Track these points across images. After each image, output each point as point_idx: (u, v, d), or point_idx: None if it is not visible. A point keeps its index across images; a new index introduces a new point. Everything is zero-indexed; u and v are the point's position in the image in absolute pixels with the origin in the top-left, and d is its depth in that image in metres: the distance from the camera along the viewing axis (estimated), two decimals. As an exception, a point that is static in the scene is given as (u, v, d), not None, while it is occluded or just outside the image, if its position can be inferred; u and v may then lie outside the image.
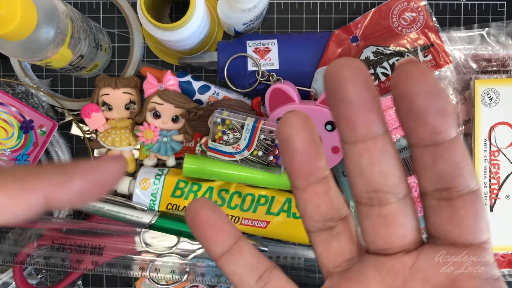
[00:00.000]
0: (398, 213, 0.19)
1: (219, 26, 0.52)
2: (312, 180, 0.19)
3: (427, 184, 0.18)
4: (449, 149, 0.17)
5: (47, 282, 0.53)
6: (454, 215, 0.18)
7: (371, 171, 0.18)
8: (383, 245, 0.19)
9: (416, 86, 0.16)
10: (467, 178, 0.17)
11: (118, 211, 0.48)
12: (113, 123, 0.51)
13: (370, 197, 0.19)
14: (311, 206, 0.20)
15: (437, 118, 0.16)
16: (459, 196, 0.18)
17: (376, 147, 0.17)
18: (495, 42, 0.48)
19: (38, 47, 0.39)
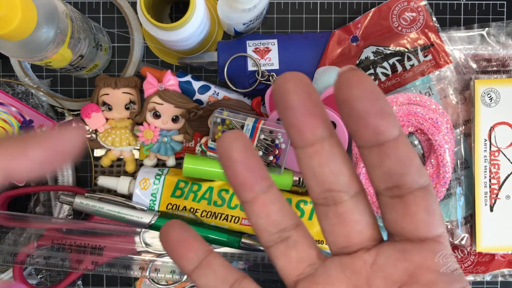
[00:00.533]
0: (352, 210, 0.20)
1: (219, 26, 0.52)
2: (258, 191, 0.20)
3: (378, 183, 0.19)
4: (394, 148, 0.18)
5: (47, 282, 0.53)
6: (407, 211, 0.19)
7: (322, 172, 0.19)
8: (343, 243, 0.20)
9: (356, 91, 0.17)
10: (415, 175, 0.18)
11: (118, 211, 0.48)
12: (113, 123, 0.51)
13: (325, 197, 0.20)
14: (263, 217, 0.20)
15: (377, 119, 0.17)
16: (409, 192, 0.18)
17: (324, 149, 0.19)
18: (495, 42, 0.48)
19: (38, 47, 0.39)
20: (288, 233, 0.21)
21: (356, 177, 0.20)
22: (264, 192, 0.20)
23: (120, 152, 0.52)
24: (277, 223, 0.20)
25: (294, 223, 0.21)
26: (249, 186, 0.20)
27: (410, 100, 0.46)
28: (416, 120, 0.46)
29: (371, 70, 0.48)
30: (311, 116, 0.18)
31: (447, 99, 0.48)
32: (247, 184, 0.20)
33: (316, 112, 0.18)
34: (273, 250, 0.21)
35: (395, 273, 0.19)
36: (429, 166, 0.47)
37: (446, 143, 0.46)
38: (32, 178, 0.18)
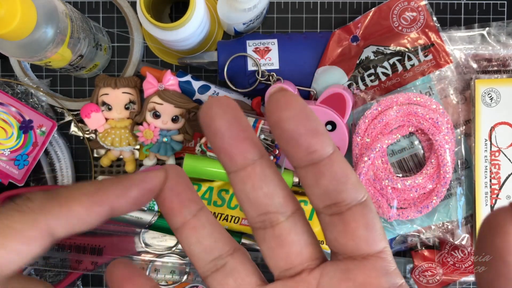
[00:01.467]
0: (289, 230, 0.19)
1: (219, 26, 0.52)
2: (187, 215, 0.20)
3: (317, 202, 0.19)
4: (328, 166, 0.18)
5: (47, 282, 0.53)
6: (346, 228, 0.18)
7: (256, 195, 0.19)
8: (284, 265, 0.20)
9: (285, 113, 0.17)
10: (352, 191, 0.18)
11: (118, 211, 0.48)
12: (112, 123, 0.51)
13: (262, 221, 0.19)
14: (194, 243, 0.20)
15: (309, 139, 0.17)
16: (348, 209, 0.18)
17: (256, 172, 0.19)
18: (495, 41, 0.48)
19: (38, 47, 0.39)
20: (224, 260, 0.20)
21: (291, 196, 0.19)
22: (193, 215, 0.20)
23: (120, 152, 0.52)
24: (210, 249, 0.20)
25: (230, 249, 0.20)
26: (178, 212, 0.20)
27: (411, 100, 0.46)
28: (416, 120, 0.46)
29: (371, 70, 0.48)
30: (239, 140, 0.18)
31: (447, 99, 0.48)
32: (175, 210, 0.20)
33: (244, 135, 0.18)
34: (210, 280, 0.20)
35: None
36: (430, 166, 0.47)
37: (446, 143, 0.46)
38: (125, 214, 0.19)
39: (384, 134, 0.47)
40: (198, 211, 0.20)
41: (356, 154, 0.48)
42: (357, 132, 0.47)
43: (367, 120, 0.47)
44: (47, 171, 0.53)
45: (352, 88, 0.49)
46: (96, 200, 0.18)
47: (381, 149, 0.47)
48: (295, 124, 0.17)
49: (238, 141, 0.18)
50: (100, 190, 0.18)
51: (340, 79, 0.49)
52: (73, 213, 0.18)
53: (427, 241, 0.51)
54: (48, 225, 0.17)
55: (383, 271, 0.19)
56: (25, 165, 0.50)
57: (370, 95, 0.48)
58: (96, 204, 0.18)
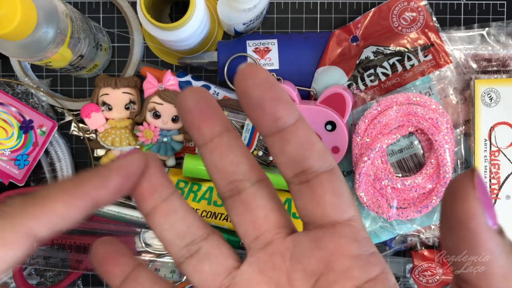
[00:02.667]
0: (254, 195, 0.20)
1: (219, 26, 0.52)
2: (157, 198, 0.20)
3: (285, 171, 0.19)
4: (293, 133, 0.18)
5: (47, 282, 0.53)
6: (313, 195, 0.19)
7: (223, 164, 0.20)
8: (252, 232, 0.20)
9: (250, 81, 0.18)
10: (318, 158, 0.19)
11: (118, 211, 0.48)
12: (113, 123, 0.51)
13: (230, 189, 0.20)
14: (166, 229, 0.20)
15: (274, 106, 0.18)
16: (315, 176, 0.19)
17: (223, 142, 0.19)
18: (495, 42, 0.48)
19: (38, 47, 0.39)
20: (198, 245, 0.20)
21: (257, 167, 0.20)
22: (164, 200, 0.20)
23: (120, 152, 0.52)
24: (184, 235, 0.20)
25: (204, 233, 0.20)
26: (148, 195, 0.20)
27: (410, 100, 0.46)
28: (416, 120, 0.46)
29: (371, 70, 0.48)
30: (207, 115, 0.19)
31: (447, 99, 0.48)
32: (145, 194, 0.20)
33: (211, 111, 0.19)
34: (185, 266, 0.20)
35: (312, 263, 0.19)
36: (429, 166, 0.47)
37: (446, 143, 0.46)
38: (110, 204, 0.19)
39: (384, 134, 0.47)
40: (169, 195, 0.20)
41: (356, 154, 0.48)
42: (357, 132, 0.47)
43: (367, 120, 0.47)
44: (47, 171, 0.53)
45: (352, 88, 0.49)
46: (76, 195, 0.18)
47: (381, 149, 0.47)
48: (260, 91, 0.18)
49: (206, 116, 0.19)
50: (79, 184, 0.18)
51: (340, 79, 0.49)
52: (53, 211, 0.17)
53: (427, 241, 0.51)
54: (28, 228, 0.17)
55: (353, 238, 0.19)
56: (25, 165, 0.50)
57: (370, 95, 0.48)
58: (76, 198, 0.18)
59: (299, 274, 0.19)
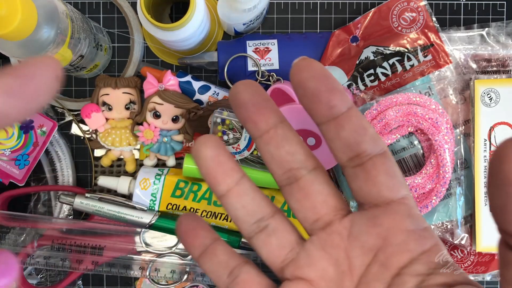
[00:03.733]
0: (312, 182, 0.21)
1: (219, 26, 0.52)
2: (230, 183, 0.21)
3: (340, 156, 0.20)
4: (347, 119, 0.19)
5: (47, 282, 0.53)
6: (368, 176, 0.20)
7: (279, 153, 0.21)
8: (312, 216, 0.21)
9: (305, 73, 0.19)
10: (371, 142, 0.20)
11: (118, 211, 0.48)
12: (113, 123, 0.51)
13: (287, 177, 0.21)
14: (239, 208, 0.22)
15: (328, 95, 0.19)
16: (368, 159, 0.20)
17: (278, 133, 0.21)
18: (495, 42, 0.48)
19: (38, 47, 0.39)
20: (266, 221, 0.22)
21: (312, 155, 0.21)
22: (236, 183, 0.21)
23: (120, 152, 0.52)
24: (254, 213, 0.22)
25: (271, 211, 0.22)
26: (221, 179, 0.21)
27: (410, 100, 0.46)
28: (416, 120, 0.46)
29: (371, 70, 0.48)
30: (261, 108, 0.20)
31: (447, 99, 0.48)
32: (219, 178, 0.21)
33: (265, 105, 0.21)
34: (254, 240, 0.22)
35: (370, 239, 0.20)
36: (429, 166, 0.47)
37: (446, 143, 0.46)
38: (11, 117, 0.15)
39: (384, 134, 0.47)
40: (240, 179, 0.22)
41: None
42: (357, 132, 0.47)
43: (367, 120, 0.47)
44: (47, 171, 0.53)
45: (352, 88, 0.49)
46: None
47: (380, 149, 0.47)
48: (315, 82, 0.19)
49: (260, 109, 0.20)
50: None
51: (339, 79, 0.49)
52: None
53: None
54: None
55: (407, 215, 0.20)
56: (25, 165, 0.50)
57: (369, 95, 0.48)
58: None
59: (357, 251, 0.20)
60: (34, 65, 0.16)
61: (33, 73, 0.15)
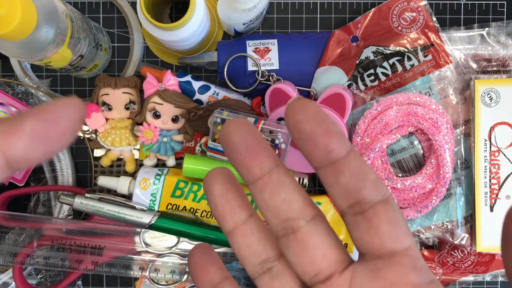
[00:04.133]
0: (311, 234, 0.20)
1: (219, 26, 0.52)
2: (237, 221, 0.21)
3: (340, 202, 0.19)
4: (346, 164, 0.18)
5: (47, 282, 0.53)
6: (369, 225, 0.19)
7: (274, 202, 0.19)
8: (312, 270, 0.20)
9: (301, 115, 0.18)
10: (372, 188, 0.19)
11: (118, 211, 0.48)
12: (113, 123, 0.51)
13: (284, 228, 0.20)
14: (244, 248, 0.21)
15: (326, 139, 0.18)
16: (370, 207, 0.19)
17: (272, 180, 0.19)
18: (495, 42, 0.48)
19: (38, 47, 0.39)
20: (271, 263, 0.21)
21: (310, 201, 0.20)
22: (243, 222, 0.21)
23: (120, 152, 0.52)
24: (259, 253, 0.21)
25: (277, 253, 0.21)
26: (229, 217, 0.21)
27: (410, 100, 0.46)
28: (416, 120, 0.46)
29: (371, 70, 0.48)
30: (255, 152, 0.19)
31: (447, 99, 0.48)
32: (226, 214, 0.21)
33: (259, 147, 0.19)
34: (258, 281, 0.21)
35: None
36: (429, 166, 0.47)
37: (446, 143, 0.46)
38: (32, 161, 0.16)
39: (384, 134, 0.47)
40: (248, 217, 0.21)
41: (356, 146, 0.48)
42: (357, 132, 0.47)
43: (367, 120, 0.47)
44: (47, 171, 0.53)
45: (352, 88, 0.49)
46: None
47: (380, 149, 0.47)
48: (311, 125, 0.18)
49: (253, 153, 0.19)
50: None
51: (340, 79, 0.49)
52: None
53: (427, 241, 0.51)
54: None
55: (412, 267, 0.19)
56: (25, 165, 0.50)
57: (370, 95, 0.48)
58: None
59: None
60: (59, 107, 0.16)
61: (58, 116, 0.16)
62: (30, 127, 0.15)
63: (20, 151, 0.15)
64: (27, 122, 0.15)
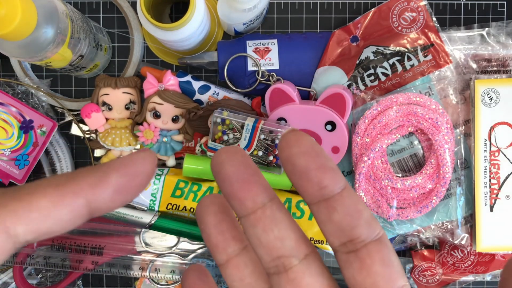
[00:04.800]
0: (303, 273, 0.19)
1: (219, 26, 0.52)
2: (231, 252, 0.20)
3: (332, 240, 0.19)
4: (340, 201, 0.18)
5: (47, 282, 0.53)
6: (362, 265, 0.18)
7: (267, 239, 0.19)
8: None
9: (295, 149, 0.18)
10: (366, 227, 0.18)
11: (118, 211, 0.48)
12: (113, 123, 0.51)
13: (276, 265, 0.19)
14: (236, 280, 0.20)
15: (319, 174, 0.17)
16: (363, 246, 0.18)
17: (266, 215, 0.19)
18: (495, 42, 0.48)
19: (38, 47, 0.39)
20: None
21: (304, 238, 0.19)
22: (237, 254, 0.20)
23: (120, 152, 0.52)
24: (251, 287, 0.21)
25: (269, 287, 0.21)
26: (222, 249, 0.20)
27: (410, 100, 0.46)
28: (416, 120, 0.46)
29: (371, 70, 0.48)
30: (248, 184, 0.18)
31: (447, 99, 0.48)
32: (219, 246, 0.20)
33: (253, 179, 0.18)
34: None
35: None
36: (429, 166, 0.47)
37: (446, 143, 0.46)
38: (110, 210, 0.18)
39: (384, 134, 0.47)
40: (242, 249, 0.21)
41: (356, 154, 0.48)
42: (357, 132, 0.47)
43: (367, 120, 0.47)
44: (47, 171, 0.53)
45: (352, 88, 0.49)
46: (65, 191, 0.16)
47: (380, 149, 0.47)
48: (305, 159, 0.17)
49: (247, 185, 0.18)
50: (71, 180, 0.16)
51: (340, 79, 0.49)
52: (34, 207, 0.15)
53: (427, 241, 0.51)
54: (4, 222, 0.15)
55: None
56: (25, 165, 0.50)
57: (370, 95, 0.48)
58: (65, 196, 0.16)
59: None
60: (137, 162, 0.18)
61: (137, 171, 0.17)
62: (115, 181, 0.17)
63: (103, 203, 0.17)
64: (112, 177, 0.17)
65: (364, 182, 0.48)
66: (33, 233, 0.15)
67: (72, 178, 0.16)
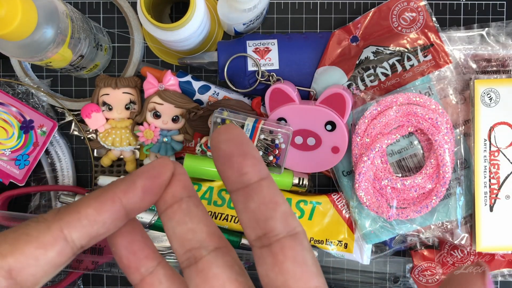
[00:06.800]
0: (210, 264, 0.19)
1: (219, 26, 0.52)
2: (144, 272, 0.21)
3: (248, 232, 0.19)
4: (257, 190, 0.18)
5: (47, 282, 0.53)
6: (274, 261, 0.18)
7: (181, 230, 0.19)
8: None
9: (221, 136, 0.18)
10: (281, 220, 0.18)
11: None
12: (113, 123, 0.51)
13: (188, 258, 0.19)
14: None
15: (240, 160, 0.18)
16: (276, 240, 0.18)
17: (181, 209, 0.20)
18: (495, 42, 0.48)
19: (39, 47, 0.39)
20: None
21: (218, 234, 0.20)
22: (150, 272, 0.21)
23: (121, 152, 0.52)
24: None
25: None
26: (134, 269, 0.20)
27: (410, 100, 0.46)
28: (416, 120, 0.46)
29: (371, 70, 0.48)
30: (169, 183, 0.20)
31: (447, 99, 0.48)
32: (132, 267, 0.20)
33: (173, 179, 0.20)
34: None
35: None
36: (429, 166, 0.47)
37: (446, 143, 0.46)
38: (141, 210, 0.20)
39: (384, 134, 0.47)
40: (154, 267, 0.21)
41: (356, 154, 0.48)
42: (357, 132, 0.47)
43: (367, 120, 0.47)
44: (47, 171, 0.53)
45: (352, 88, 0.49)
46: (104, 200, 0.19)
47: (380, 149, 0.47)
48: (229, 145, 0.18)
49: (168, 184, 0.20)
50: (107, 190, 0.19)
51: (339, 79, 0.49)
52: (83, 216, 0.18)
53: (427, 240, 0.51)
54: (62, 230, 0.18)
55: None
56: (25, 165, 0.50)
57: (369, 95, 0.48)
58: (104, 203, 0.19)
59: None
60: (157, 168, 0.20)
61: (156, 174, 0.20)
62: (141, 184, 0.19)
63: (135, 204, 0.19)
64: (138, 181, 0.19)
65: (364, 182, 0.48)
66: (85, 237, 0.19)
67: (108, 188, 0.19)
